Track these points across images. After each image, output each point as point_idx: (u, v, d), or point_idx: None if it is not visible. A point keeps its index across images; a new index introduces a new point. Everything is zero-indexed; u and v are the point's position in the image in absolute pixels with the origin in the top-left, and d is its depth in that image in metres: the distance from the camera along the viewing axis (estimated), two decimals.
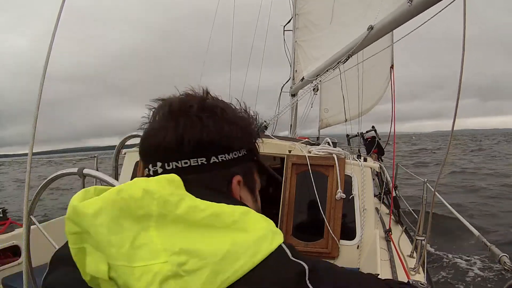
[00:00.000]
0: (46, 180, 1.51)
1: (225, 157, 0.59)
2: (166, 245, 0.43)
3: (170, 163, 0.57)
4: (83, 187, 1.53)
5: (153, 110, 0.61)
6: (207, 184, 0.57)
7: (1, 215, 2.88)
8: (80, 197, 0.48)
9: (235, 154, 0.60)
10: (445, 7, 1.97)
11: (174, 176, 0.50)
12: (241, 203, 0.57)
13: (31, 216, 1.55)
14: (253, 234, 0.46)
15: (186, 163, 0.57)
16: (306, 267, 0.46)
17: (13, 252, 2.72)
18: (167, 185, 0.48)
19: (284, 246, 0.48)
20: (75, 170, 1.44)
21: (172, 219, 0.45)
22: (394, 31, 2.92)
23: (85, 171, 1.43)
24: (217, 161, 0.58)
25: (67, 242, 0.54)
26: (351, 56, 3.37)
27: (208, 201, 0.48)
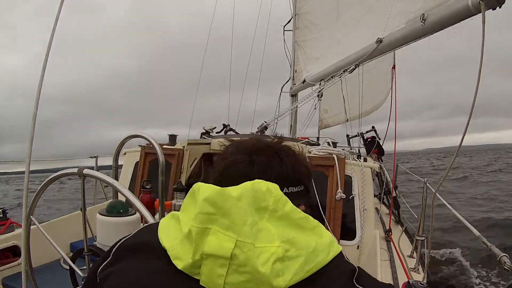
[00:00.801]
0: (46, 180, 1.51)
1: (293, 189, 0.71)
2: (279, 232, 0.54)
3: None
4: (83, 187, 1.52)
5: (228, 146, 0.75)
6: None
7: (1, 215, 2.88)
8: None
9: (299, 188, 0.72)
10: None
11: (276, 186, 0.61)
12: None
13: (31, 217, 1.55)
14: (326, 239, 0.58)
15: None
16: (357, 268, 0.59)
17: (13, 252, 2.72)
18: (279, 189, 0.59)
19: (342, 251, 0.61)
20: (75, 170, 1.44)
21: (280, 214, 0.56)
22: None
23: (85, 171, 1.43)
24: (288, 192, 0.69)
25: (135, 233, 0.64)
26: (358, 66, 3.33)
27: None
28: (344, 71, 3.44)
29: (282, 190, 0.63)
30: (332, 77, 3.64)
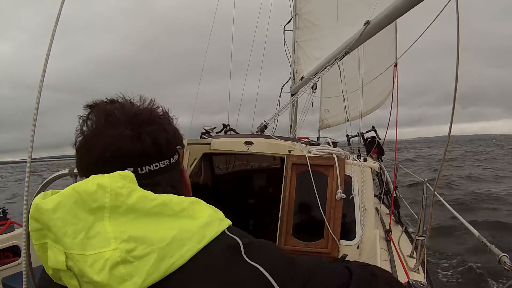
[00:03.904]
0: (43, 183, 1.53)
1: (174, 159, 0.66)
2: (116, 233, 0.47)
3: (143, 167, 0.61)
4: None
5: (89, 115, 0.62)
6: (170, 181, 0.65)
7: (1, 215, 2.88)
8: (41, 197, 0.52)
9: (177, 156, 0.68)
10: (446, 6, 1.96)
11: (127, 173, 0.54)
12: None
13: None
14: (200, 221, 0.51)
15: (156, 166, 0.62)
16: (240, 241, 0.51)
17: (13, 252, 2.72)
18: (120, 180, 0.52)
19: (227, 230, 0.53)
20: (66, 171, 1.47)
21: (124, 209, 0.49)
22: (398, 38, 2.93)
23: (76, 170, 1.45)
24: (169, 163, 0.65)
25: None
26: (348, 53, 3.38)
27: (158, 193, 0.53)
28: (335, 60, 3.48)
29: (163, 164, 0.62)
30: (325, 68, 3.68)
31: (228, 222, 0.55)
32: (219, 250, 0.50)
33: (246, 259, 0.50)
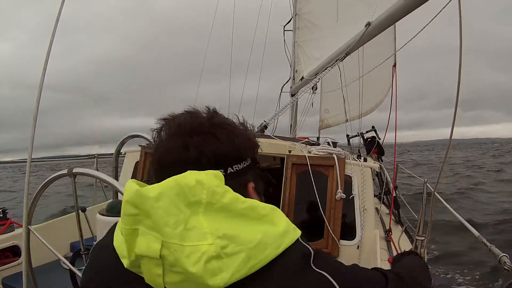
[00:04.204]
0: (43, 183, 1.53)
1: (238, 167, 0.65)
2: (212, 229, 0.50)
3: None
4: (74, 187, 1.54)
5: (161, 128, 0.66)
6: None
7: (1, 215, 2.88)
8: (136, 183, 0.55)
9: (245, 163, 0.66)
10: (445, 6, 1.97)
11: (218, 173, 0.57)
12: None
13: (29, 226, 1.57)
14: (279, 228, 0.54)
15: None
16: (311, 250, 0.56)
17: (13, 252, 2.72)
18: (214, 178, 0.55)
19: (300, 239, 0.57)
20: (65, 171, 1.48)
21: (218, 207, 0.52)
22: (396, 36, 2.93)
23: (75, 170, 1.47)
24: (233, 171, 0.64)
25: (106, 233, 0.68)
26: (349, 54, 3.37)
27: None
28: (336, 61, 3.48)
29: (226, 171, 0.62)
30: (326, 69, 3.67)
31: (299, 231, 0.58)
32: (292, 257, 0.53)
33: (313, 267, 0.54)
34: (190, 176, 0.53)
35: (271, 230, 0.53)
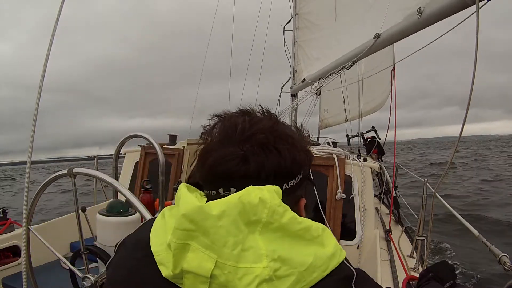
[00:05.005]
0: (43, 183, 1.53)
1: (293, 183, 0.60)
2: (268, 251, 0.48)
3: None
4: (74, 187, 1.54)
5: (213, 126, 0.61)
6: None
7: (1, 215, 2.88)
8: (197, 198, 0.53)
9: (298, 178, 0.62)
10: (460, 23, 1.93)
11: (279, 189, 0.54)
12: None
13: (29, 227, 1.57)
14: (328, 250, 0.53)
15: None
16: (354, 272, 0.53)
17: (13, 252, 2.72)
18: (276, 196, 0.52)
19: (345, 261, 0.55)
20: (65, 171, 1.47)
21: (275, 227, 0.50)
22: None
23: (75, 170, 1.46)
24: (288, 187, 0.60)
25: (138, 228, 0.64)
26: (356, 63, 3.33)
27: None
28: (342, 68, 3.44)
29: (281, 187, 0.57)
30: (331, 75, 3.64)
31: (345, 252, 0.56)
32: (335, 279, 0.52)
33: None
34: (254, 194, 0.50)
35: (321, 252, 0.52)
